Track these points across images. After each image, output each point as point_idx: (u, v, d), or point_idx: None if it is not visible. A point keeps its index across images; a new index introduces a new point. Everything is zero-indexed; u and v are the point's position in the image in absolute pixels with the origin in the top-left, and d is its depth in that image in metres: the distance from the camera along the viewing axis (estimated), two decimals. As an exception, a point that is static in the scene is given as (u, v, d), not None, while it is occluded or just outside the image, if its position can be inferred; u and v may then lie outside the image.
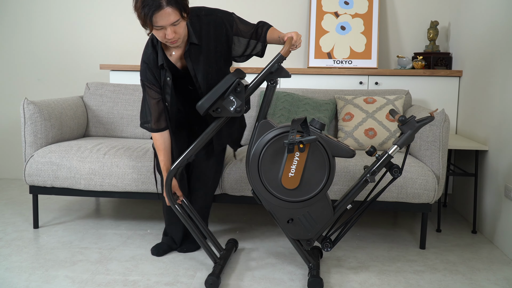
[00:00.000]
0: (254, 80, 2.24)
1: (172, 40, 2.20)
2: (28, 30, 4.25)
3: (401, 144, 2.22)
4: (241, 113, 2.20)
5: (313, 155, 2.22)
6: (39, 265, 2.47)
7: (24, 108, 2.96)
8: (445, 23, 3.90)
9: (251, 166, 2.26)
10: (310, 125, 2.23)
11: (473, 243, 2.89)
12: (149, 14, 2.08)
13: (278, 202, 2.27)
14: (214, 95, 2.17)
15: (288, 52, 2.22)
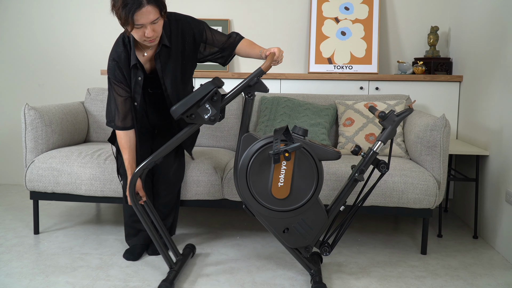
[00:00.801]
0: (232, 91, 2.23)
1: (151, 39, 2.24)
2: (29, 36, 4.26)
3: (384, 139, 2.23)
4: (215, 122, 2.19)
5: (300, 161, 2.22)
6: (40, 271, 2.46)
7: (25, 114, 2.96)
8: (445, 28, 3.91)
9: (239, 181, 2.26)
10: (293, 132, 2.24)
11: (474, 248, 2.89)
12: (131, 12, 2.12)
13: (271, 213, 2.26)
14: (190, 101, 2.16)
15: (269, 67, 2.23)
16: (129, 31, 2.23)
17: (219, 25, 4.04)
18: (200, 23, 2.50)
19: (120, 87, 2.42)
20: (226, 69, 3.99)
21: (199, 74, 3.79)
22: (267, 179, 2.24)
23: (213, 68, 4.00)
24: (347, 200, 2.58)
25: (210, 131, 3.40)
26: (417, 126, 2.85)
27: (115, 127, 2.46)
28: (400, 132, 3.07)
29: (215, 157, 2.96)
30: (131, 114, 2.46)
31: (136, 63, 2.38)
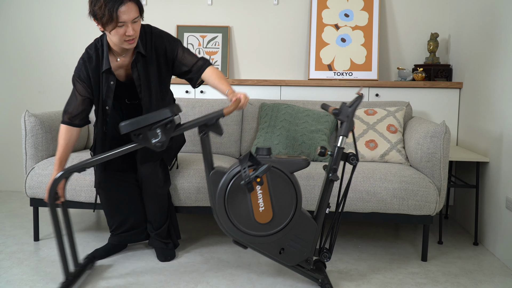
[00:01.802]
0: (187, 124, 2.22)
1: (131, 38, 2.30)
2: (29, 43, 4.27)
3: (344, 133, 2.24)
4: (160, 148, 2.17)
5: (273, 181, 2.24)
6: (40, 277, 2.46)
7: (25, 121, 2.97)
8: (445, 35, 3.92)
9: (221, 219, 2.26)
10: (258, 155, 2.25)
11: (475, 255, 2.88)
12: (114, 8, 2.19)
13: (262, 240, 2.27)
14: (143, 122, 2.14)
15: (231, 112, 2.25)
16: (110, 31, 2.27)
17: (219, 32, 4.05)
18: (174, 40, 2.54)
19: (82, 85, 2.46)
20: (227, 76, 4.00)
21: (199, 81, 3.80)
22: (247, 209, 2.24)
23: (213, 75, 4.00)
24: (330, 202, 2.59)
25: (210, 137, 3.40)
26: (417, 133, 2.86)
27: (62, 121, 2.50)
28: (400, 139, 3.07)
29: (216, 163, 2.96)
30: (84, 114, 2.51)
31: (109, 67, 2.42)
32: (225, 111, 2.22)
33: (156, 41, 2.49)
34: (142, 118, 2.13)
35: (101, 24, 2.25)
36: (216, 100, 3.48)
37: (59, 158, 2.48)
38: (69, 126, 2.50)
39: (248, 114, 3.47)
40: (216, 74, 2.50)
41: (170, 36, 2.54)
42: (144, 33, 2.47)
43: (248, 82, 3.77)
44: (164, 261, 2.69)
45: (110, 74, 2.45)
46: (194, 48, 4.05)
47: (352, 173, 2.32)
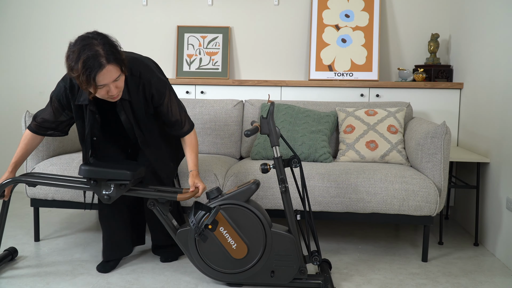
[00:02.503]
0: (141, 192, 2.32)
1: (114, 96, 2.21)
2: (29, 44, 4.28)
3: (274, 142, 2.29)
4: (107, 202, 2.29)
5: (232, 217, 2.30)
6: (40, 278, 2.46)
7: (26, 121, 2.96)
8: (445, 35, 3.92)
9: (206, 271, 2.35)
10: (209, 199, 2.32)
11: (475, 256, 2.88)
12: (92, 75, 2.07)
13: (250, 272, 2.32)
14: (103, 174, 2.25)
15: (185, 200, 2.32)
16: (92, 93, 2.18)
17: (219, 33, 4.05)
18: (162, 90, 2.40)
19: (59, 107, 2.43)
20: (227, 76, 4.00)
21: (200, 82, 3.80)
22: (222, 252, 2.31)
23: (213, 76, 4.01)
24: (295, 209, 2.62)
25: (210, 138, 3.40)
26: (418, 133, 2.85)
27: (29, 125, 2.50)
28: (400, 139, 3.07)
29: (216, 164, 2.96)
30: (51, 127, 2.50)
31: (87, 104, 2.32)
32: (179, 197, 2.30)
33: (144, 85, 2.36)
34: (103, 170, 2.24)
35: (81, 87, 2.17)
36: (216, 101, 3.48)
37: (15, 162, 2.50)
38: (33, 133, 2.51)
39: (249, 115, 3.47)
40: (191, 148, 2.51)
41: (158, 84, 2.39)
42: (131, 77, 2.33)
43: (249, 83, 3.77)
44: (164, 261, 2.69)
45: (91, 112, 2.35)
46: (195, 48, 4.05)
47: (302, 173, 2.35)
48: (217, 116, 3.42)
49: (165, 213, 2.35)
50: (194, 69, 4.04)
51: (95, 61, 2.07)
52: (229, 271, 2.33)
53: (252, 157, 3.17)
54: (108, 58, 2.10)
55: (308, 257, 2.35)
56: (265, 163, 2.30)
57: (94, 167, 2.26)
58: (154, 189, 2.35)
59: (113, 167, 2.27)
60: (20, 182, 2.39)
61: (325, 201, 2.71)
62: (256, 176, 2.78)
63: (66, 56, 2.16)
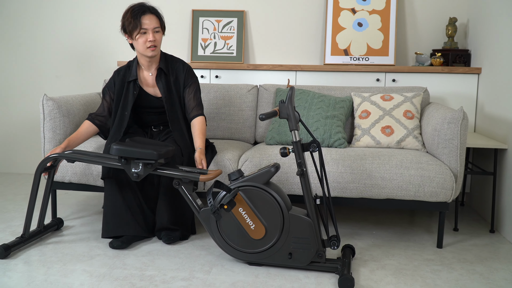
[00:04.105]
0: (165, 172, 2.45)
1: (153, 44, 2.69)
2: (46, 28, 4.29)
3: (293, 126, 2.30)
4: (136, 179, 2.47)
5: (251, 198, 2.34)
6: (57, 259, 2.50)
7: (43, 104, 2.99)
8: (463, 19, 3.86)
9: (226, 250, 2.42)
10: (230, 180, 2.38)
11: (491, 243, 2.86)
12: (139, 15, 2.66)
13: (268, 252, 2.36)
14: (132, 153, 2.40)
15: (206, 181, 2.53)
16: (135, 37, 2.69)
17: (234, 16, 4.03)
18: (192, 76, 2.86)
19: (108, 95, 2.86)
20: (242, 61, 3.99)
21: (214, 66, 3.80)
22: (241, 232, 2.37)
23: (228, 60, 4.00)
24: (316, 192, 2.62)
25: (224, 123, 3.41)
26: (435, 118, 2.83)
27: (88, 117, 2.85)
28: (417, 125, 3.04)
29: (229, 149, 2.97)
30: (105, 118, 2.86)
31: (135, 78, 2.79)
32: (202, 178, 2.41)
33: (177, 67, 2.85)
34: (133, 150, 2.40)
35: (129, 33, 2.71)
36: (231, 85, 3.48)
37: (70, 139, 2.74)
38: (90, 122, 2.82)
39: (263, 100, 3.46)
40: (199, 129, 2.73)
41: (191, 71, 2.87)
42: (169, 59, 2.87)
43: (263, 67, 3.75)
44: (168, 243, 2.69)
45: (134, 85, 2.80)
46: (209, 32, 4.04)
47: (321, 157, 2.33)
48: (232, 101, 3.42)
49: (189, 193, 2.45)
50: (208, 53, 4.03)
51: (141, 7, 2.70)
52: (248, 251, 2.38)
53: (267, 142, 3.17)
54: (152, 10, 2.72)
55: (327, 242, 2.35)
56: (284, 147, 2.31)
57: (124, 146, 2.40)
58: (179, 169, 2.47)
59: (141, 147, 2.41)
60: (61, 157, 2.59)
61: (340, 187, 2.71)
62: (270, 161, 2.78)
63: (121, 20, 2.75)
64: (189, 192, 2.46)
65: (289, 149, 2.32)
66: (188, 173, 2.43)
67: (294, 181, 2.75)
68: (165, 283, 2.25)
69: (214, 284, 2.25)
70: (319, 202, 2.34)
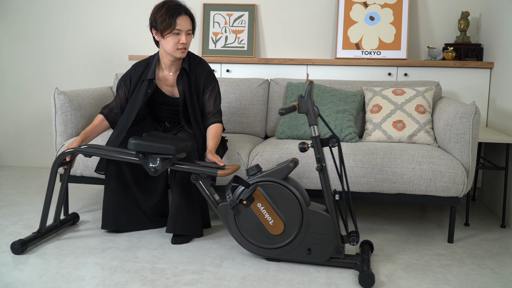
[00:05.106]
0: (184, 167, 2.45)
1: (184, 47, 2.63)
2: (58, 22, 4.31)
3: (312, 121, 2.27)
4: (153, 174, 2.44)
5: (270, 194, 2.33)
6: (69, 252, 2.52)
7: (55, 98, 3.01)
8: (476, 14, 3.83)
9: (245, 245, 2.41)
10: (248, 176, 2.36)
11: (502, 238, 2.85)
12: (175, 15, 2.57)
13: (287, 248, 2.35)
14: (150, 148, 2.38)
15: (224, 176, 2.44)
16: (166, 36, 2.60)
17: (246, 10, 4.03)
18: (212, 81, 2.78)
19: (123, 90, 2.79)
20: (253, 55, 3.99)
21: (225, 60, 3.80)
22: (260, 227, 2.36)
23: (239, 54, 3.99)
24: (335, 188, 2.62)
25: (235, 118, 3.41)
26: (446, 113, 2.81)
27: (101, 111, 2.79)
28: (429, 119, 3.03)
29: (240, 143, 2.98)
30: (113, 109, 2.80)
31: (152, 78, 2.72)
32: (220, 173, 2.40)
33: (198, 68, 2.78)
34: (151, 144, 2.38)
35: (160, 31, 2.60)
36: (241, 79, 3.48)
37: (85, 132, 2.70)
38: (104, 117, 2.77)
39: (274, 94, 3.46)
40: (214, 133, 2.69)
41: (212, 74, 2.80)
42: (192, 59, 2.79)
43: (274, 61, 3.75)
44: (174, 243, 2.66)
45: (149, 84, 2.73)
46: (221, 26, 4.04)
47: (340, 152, 2.31)
48: (243, 95, 3.42)
49: (207, 188, 2.44)
50: (219, 47, 4.03)
51: (177, 6, 2.61)
52: (266, 246, 2.37)
53: (277, 136, 3.17)
54: (187, 11, 2.64)
55: (346, 237, 2.34)
56: (303, 142, 2.29)
57: (142, 141, 2.39)
58: (197, 164, 2.46)
59: (159, 142, 2.40)
60: (78, 152, 2.57)
61: (351, 181, 2.70)
62: (281, 155, 2.78)
63: (151, 14, 2.66)
64: (207, 187, 2.45)
65: (308, 144, 2.30)
66: (206, 168, 2.42)
67: (310, 175, 2.74)
68: (176, 276, 2.27)
69: (225, 278, 2.26)
70: (338, 198, 2.33)
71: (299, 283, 2.22)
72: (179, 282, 2.21)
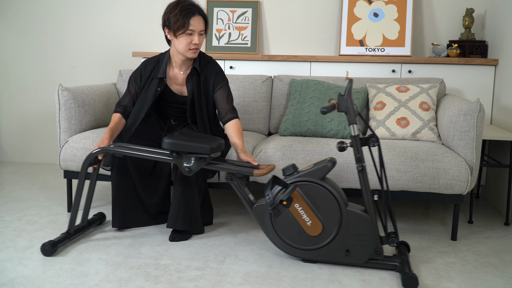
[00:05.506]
0: (219, 166, 2.42)
1: (196, 47, 2.62)
2: (62, 18, 4.32)
3: (352, 120, 2.24)
4: (187, 174, 2.42)
5: (308, 194, 2.28)
6: (73, 247, 2.53)
7: (59, 94, 3.01)
8: (480, 10, 3.81)
9: (281, 247, 2.36)
10: (285, 175, 2.32)
11: (506, 235, 2.85)
12: (189, 16, 2.56)
13: (325, 249, 2.31)
14: (186, 147, 2.35)
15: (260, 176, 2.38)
16: (179, 36, 2.58)
17: (249, 7, 4.02)
18: (223, 79, 2.76)
19: (134, 87, 2.78)
20: (256, 51, 3.98)
21: (229, 57, 3.80)
22: (297, 228, 2.31)
23: (243, 51, 3.99)
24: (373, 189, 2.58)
25: (239, 114, 3.41)
26: (451, 110, 2.81)
27: (117, 110, 2.76)
28: (433, 117, 3.02)
29: (244, 140, 2.97)
30: (129, 108, 2.78)
31: (163, 77, 2.71)
32: (256, 172, 2.36)
33: (208, 67, 2.76)
34: (186, 144, 2.35)
35: (173, 30, 2.58)
36: (245, 76, 3.48)
37: (111, 129, 2.69)
38: (121, 115, 2.75)
39: (277, 91, 3.46)
40: (236, 130, 2.67)
41: (222, 73, 2.78)
42: (202, 58, 2.77)
43: (278, 58, 3.75)
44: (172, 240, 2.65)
45: (160, 82, 2.72)
46: (224, 23, 4.03)
47: (380, 152, 2.28)
48: (246, 92, 3.42)
49: (242, 188, 2.41)
50: (223, 44, 4.03)
51: (192, 7, 2.60)
52: (303, 247, 2.33)
53: (281, 133, 3.17)
54: (201, 12, 2.62)
55: (385, 238, 2.30)
56: (342, 141, 2.25)
57: (177, 140, 2.35)
58: (233, 164, 2.43)
59: (194, 141, 2.36)
60: (109, 151, 2.52)
61: (354, 178, 2.70)
62: (284, 152, 2.78)
63: (164, 12, 2.64)
64: (242, 187, 2.41)
65: (347, 144, 2.26)
66: (242, 168, 2.39)
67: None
68: (180, 272, 2.27)
69: (228, 274, 2.26)
70: (377, 198, 2.28)
71: (302, 279, 2.22)
72: (183, 278, 2.21)
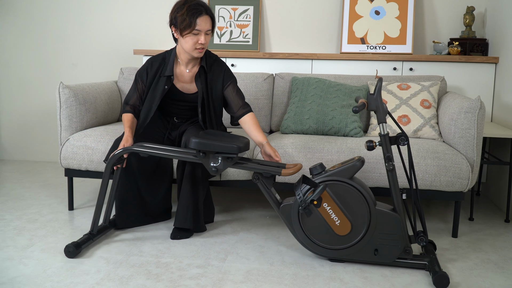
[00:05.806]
0: (245, 166, 2.39)
1: (202, 47, 2.61)
2: (63, 16, 4.32)
3: (383, 119, 2.23)
4: (214, 173, 2.40)
5: (336, 193, 2.27)
6: (75, 245, 2.53)
7: (60, 92, 3.02)
8: (481, 8, 3.81)
9: (310, 247, 2.35)
10: (313, 175, 2.30)
11: (506, 232, 2.85)
12: (195, 15, 2.54)
13: (353, 249, 2.30)
14: (213, 147, 2.33)
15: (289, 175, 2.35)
16: (185, 36, 2.57)
17: (250, 4, 4.02)
18: (231, 76, 2.78)
19: (141, 84, 2.77)
20: (258, 49, 3.98)
21: (230, 54, 3.80)
22: (326, 228, 2.30)
23: (244, 49, 3.99)
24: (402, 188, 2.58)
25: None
26: (451, 108, 2.81)
27: (127, 110, 2.76)
28: (434, 114, 3.02)
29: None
30: (138, 106, 2.78)
31: (171, 75, 2.70)
32: (284, 172, 2.34)
33: (216, 67, 2.77)
34: (214, 143, 2.33)
35: (179, 29, 2.58)
36: (246, 74, 3.48)
37: (131, 127, 2.70)
38: (133, 114, 2.75)
39: (279, 88, 3.46)
40: (255, 124, 2.70)
41: (230, 71, 2.80)
42: (208, 56, 2.77)
43: (279, 56, 3.75)
44: (173, 238, 2.66)
45: (167, 80, 2.71)
46: (225, 21, 4.03)
47: (409, 151, 2.27)
48: (247, 89, 3.42)
49: (269, 187, 2.39)
50: (224, 41, 4.03)
51: (198, 6, 2.57)
52: (331, 247, 2.32)
53: (282, 131, 3.17)
54: (208, 11, 2.60)
55: (414, 237, 2.30)
56: (370, 140, 2.24)
57: (204, 140, 2.34)
58: (259, 163, 2.41)
59: (221, 141, 2.34)
60: (134, 151, 2.48)
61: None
62: (285, 150, 2.78)
63: (171, 10, 2.63)
64: (269, 186, 2.40)
65: (376, 143, 2.25)
66: (269, 167, 2.37)
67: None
68: (181, 270, 2.27)
69: (229, 272, 2.26)
70: (405, 197, 2.28)
71: (303, 277, 2.23)
72: (184, 276, 2.22)
